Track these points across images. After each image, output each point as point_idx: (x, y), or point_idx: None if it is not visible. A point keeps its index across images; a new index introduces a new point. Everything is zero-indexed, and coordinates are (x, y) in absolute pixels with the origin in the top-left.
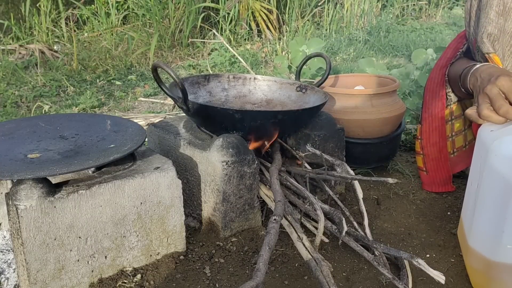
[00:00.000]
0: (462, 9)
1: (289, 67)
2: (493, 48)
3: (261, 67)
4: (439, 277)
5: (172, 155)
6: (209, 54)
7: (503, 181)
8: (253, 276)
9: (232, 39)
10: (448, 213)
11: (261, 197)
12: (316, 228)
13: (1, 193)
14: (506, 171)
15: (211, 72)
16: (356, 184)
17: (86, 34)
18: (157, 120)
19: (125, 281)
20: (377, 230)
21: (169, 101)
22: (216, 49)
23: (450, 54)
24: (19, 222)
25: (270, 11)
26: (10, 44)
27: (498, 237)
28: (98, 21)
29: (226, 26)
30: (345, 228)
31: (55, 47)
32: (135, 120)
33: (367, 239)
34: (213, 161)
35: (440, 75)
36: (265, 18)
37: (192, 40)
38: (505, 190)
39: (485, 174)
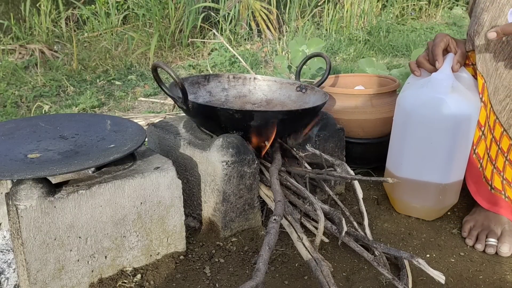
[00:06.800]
0: (462, 9)
1: (289, 67)
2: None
3: (261, 67)
4: (439, 277)
5: (172, 155)
6: (209, 54)
7: (402, 126)
8: (253, 276)
9: (232, 39)
10: (448, 213)
11: (261, 197)
12: (316, 228)
13: (1, 193)
14: (403, 119)
15: (211, 72)
16: (356, 184)
17: (86, 34)
18: (157, 120)
19: (125, 281)
20: (377, 230)
21: (169, 101)
22: (216, 49)
23: None
24: (19, 222)
25: (270, 11)
26: (10, 44)
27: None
28: (98, 21)
29: (226, 26)
30: (345, 228)
31: (55, 47)
32: (135, 120)
33: (367, 239)
34: (213, 161)
35: None
36: (265, 18)
37: (192, 40)
38: (403, 133)
39: (394, 117)
